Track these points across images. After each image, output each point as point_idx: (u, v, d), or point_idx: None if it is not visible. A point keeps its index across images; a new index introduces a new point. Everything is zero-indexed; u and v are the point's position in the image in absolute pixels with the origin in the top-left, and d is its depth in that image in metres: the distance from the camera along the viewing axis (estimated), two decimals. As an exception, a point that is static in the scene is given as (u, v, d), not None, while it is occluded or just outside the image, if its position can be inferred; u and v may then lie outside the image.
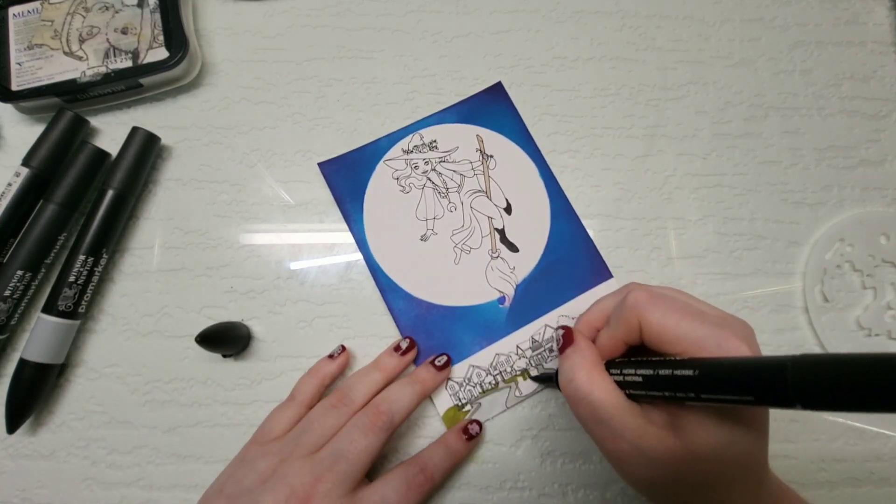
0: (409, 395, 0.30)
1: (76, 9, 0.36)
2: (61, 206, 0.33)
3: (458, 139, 0.37)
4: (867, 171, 0.37)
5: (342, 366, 0.33)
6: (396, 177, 0.36)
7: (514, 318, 0.34)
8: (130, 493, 0.32)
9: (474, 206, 0.36)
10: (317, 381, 0.32)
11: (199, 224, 0.36)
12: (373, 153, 0.37)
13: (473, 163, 0.36)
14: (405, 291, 0.34)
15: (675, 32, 0.39)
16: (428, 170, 0.36)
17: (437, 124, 0.37)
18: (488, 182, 0.36)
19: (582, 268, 0.35)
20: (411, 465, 0.29)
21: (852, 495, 0.32)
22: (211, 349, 0.31)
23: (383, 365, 0.32)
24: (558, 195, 0.36)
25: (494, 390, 0.33)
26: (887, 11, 0.40)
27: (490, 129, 0.37)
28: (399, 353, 0.32)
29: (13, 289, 0.32)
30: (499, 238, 0.35)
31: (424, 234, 0.35)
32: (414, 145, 0.37)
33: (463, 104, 0.37)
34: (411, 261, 0.35)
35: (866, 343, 0.34)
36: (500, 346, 0.33)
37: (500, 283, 0.34)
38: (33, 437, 0.33)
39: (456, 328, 0.34)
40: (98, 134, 0.37)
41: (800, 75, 0.39)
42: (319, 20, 0.39)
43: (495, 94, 0.38)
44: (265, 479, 0.27)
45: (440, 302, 0.34)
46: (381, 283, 0.34)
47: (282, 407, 0.31)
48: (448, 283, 0.34)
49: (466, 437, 0.31)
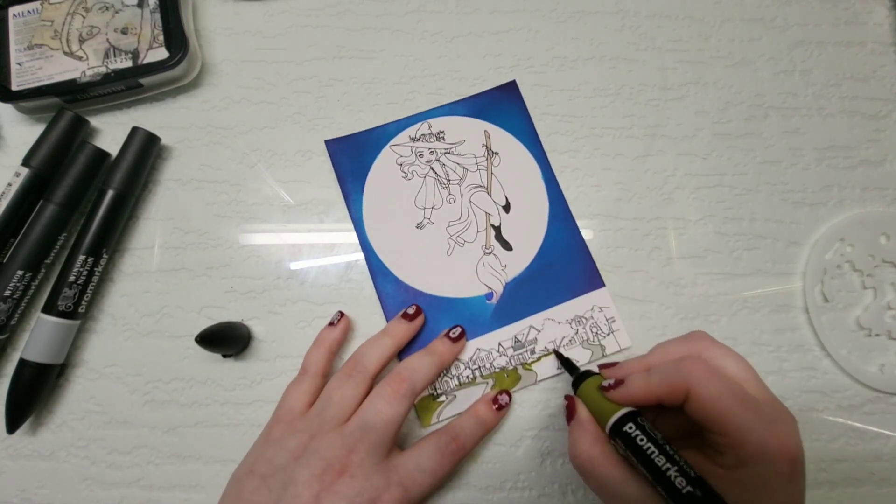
0: (427, 365, 0.31)
1: (76, 9, 0.36)
2: (61, 206, 0.33)
3: (466, 132, 0.37)
4: (867, 171, 0.37)
5: (345, 331, 0.33)
6: (400, 162, 0.36)
7: (499, 315, 0.34)
8: (130, 493, 0.32)
9: (474, 200, 0.36)
10: (324, 350, 0.32)
11: (199, 224, 0.36)
12: (380, 136, 0.37)
13: (478, 157, 0.36)
14: (395, 276, 0.35)
15: (675, 32, 0.39)
16: (432, 159, 0.36)
17: (446, 115, 0.37)
18: (490, 178, 0.36)
19: (574, 274, 0.35)
20: (443, 434, 0.30)
21: (852, 495, 0.32)
22: (211, 349, 0.31)
23: (392, 332, 0.32)
24: (558, 199, 0.36)
25: (471, 384, 0.33)
26: (887, 11, 0.40)
27: (499, 127, 0.37)
28: (407, 320, 0.32)
29: (13, 289, 0.32)
30: (494, 235, 0.35)
31: (421, 223, 0.35)
32: (421, 134, 0.37)
33: (475, 98, 0.38)
34: (405, 247, 0.35)
35: (867, 343, 0.34)
36: (482, 341, 0.34)
37: (489, 280, 0.35)
38: (33, 437, 0.33)
39: (441, 318, 0.34)
40: (98, 134, 0.37)
41: (800, 75, 0.39)
42: (319, 20, 0.39)
43: (508, 92, 0.38)
44: (298, 455, 0.28)
45: (428, 290, 0.34)
46: (372, 265, 0.35)
47: (297, 381, 0.31)
48: (438, 272, 0.35)
49: (496, 406, 0.32)
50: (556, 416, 0.33)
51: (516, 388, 0.33)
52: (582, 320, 0.34)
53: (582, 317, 0.34)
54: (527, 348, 0.33)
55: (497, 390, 0.33)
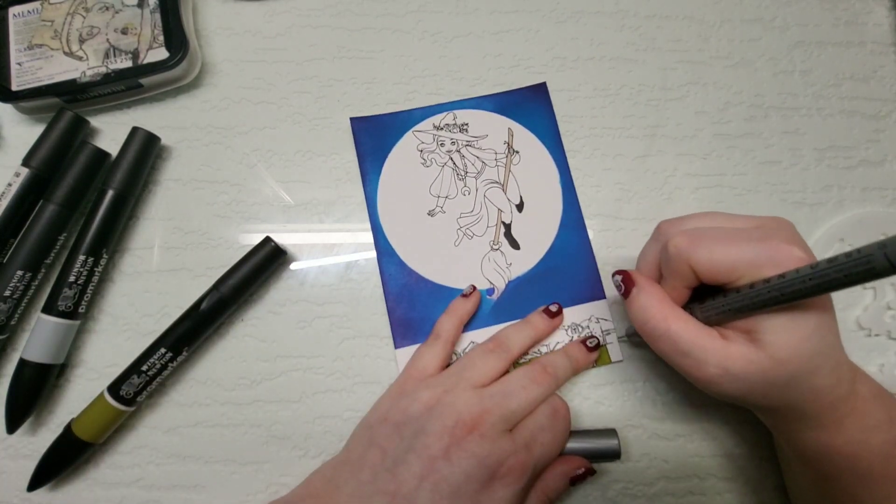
0: (566, 367, 0.31)
1: (76, 9, 0.36)
2: (61, 206, 0.33)
3: (490, 128, 0.37)
4: (867, 171, 0.37)
5: (476, 303, 0.34)
6: (421, 149, 0.37)
7: (498, 312, 0.34)
8: (130, 493, 0.32)
9: (488, 195, 0.36)
10: (456, 319, 0.33)
11: (199, 224, 0.36)
12: (404, 121, 0.37)
13: (498, 154, 0.37)
14: (400, 258, 0.35)
15: (675, 32, 0.39)
16: (453, 150, 0.37)
17: (473, 108, 0.37)
18: (508, 175, 0.36)
19: (578, 281, 0.35)
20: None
21: (852, 495, 0.32)
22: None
23: (535, 324, 0.33)
24: (573, 205, 0.36)
25: None
26: (887, 11, 0.40)
27: (523, 126, 0.37)
28: (549, 316, 0.33)
29: (13, 289, 0.32)
30: (503, 232, 0.35)
31: (433, 210, 0.36)
32: (445, 123, 0.37)
33: (503, 95, 0.38)
34: (414, 232, 0.35)
35: (866, 343, 0.34)
36: (477, 334, 0.34)
37: (493, 275, 0.35)
38: (33, 436, 0.33)
39: (440, 306, 0.34)
40: (98, 134, 0.37)
41: (800, 75, 0.39)
42: (319, 20, 0.39)
43: (537, 93, 0.38)
44: (430, 407, 0.28)
45: (431, 278, 0.35)
46: (379, 244, 0.35)
47: (428, 344, 0.32)
48: (443, 261, 0.35)
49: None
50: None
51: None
52: (578, 328, 0.34)
53: (579, 325, 0.34)
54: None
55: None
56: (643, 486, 0.32)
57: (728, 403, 0.32)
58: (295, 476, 0.31)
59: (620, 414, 0.33)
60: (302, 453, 0.33)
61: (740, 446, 0.33)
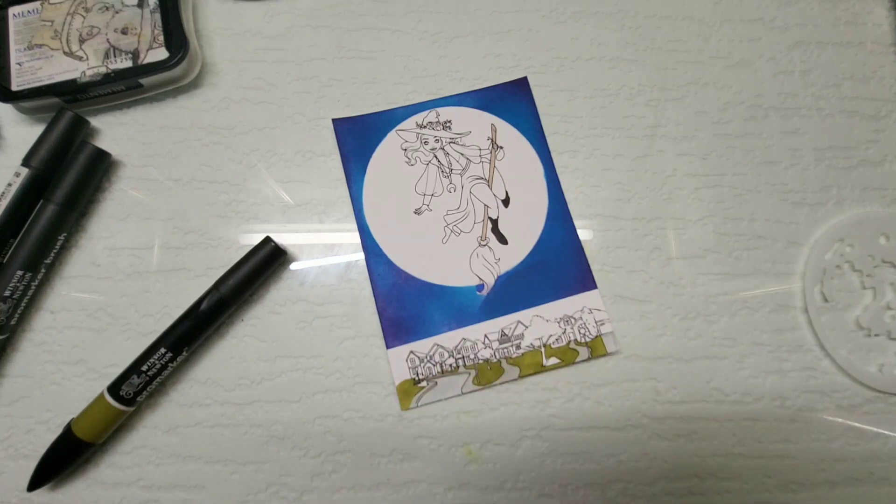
0: None
1: (76, 9, 0.36)
2: (61, 206, 0.33)
3: (473, 124, 0.37)
4: (867, 171, 0.37)
5: None
6: (405, 148, 0.37)
7: (488, 307, 0.34)
8: (130, 493, 0.32)
9: (474, 191, 0.36)
10: None
11: (199, 224, 0.36)
12: (387, 120, 0.37)
13: (482, 150, 0.37)
14: (388, 258, 0.35)
15: (675, 32, 0.39)
16: (437, 147, 0.37)
17: (455, 105, 0.37)
18: (493, 171, 0.36)
19: (567, 273, 0.35)
20: None
21: (852, 495, 0.32)
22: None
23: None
24: (558, 199, 0.36)
25: (453, 373, 0.33)
26: (887, 12, 0.40)
27: (506, 121, 0.37)
28: None
29: (13, 289, 0.32)
30: (490, 227, 0.35)
31: (419, 208, 0.36)
32: (428, 121, 0.37)
33: (485, 91, 0.38)
34: (401, 230, 0.35)
35: (866, 343, 0.34)
36: (468, 331, 0.34)
37: (482, 271, 0.35)
38: (33, 436, 0.33)
39: (429, 304, 0.34)
40: (98, 134, 0.37)
41: (800, 75, 0.39)
42: (319, 20, 0.39)
43: (519, 88, 0.38)
44: None
45: (420, 276, 0.35)
46: (367, 245, 0.35)
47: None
48: (432, 259, 0.35)
49: None
50: (556, 416, 0.33)
51: (498, 381, 0.33)
52: (571, 320, 0.34)
53: (571, 317, 0.34)
54: (513, 343, 0.34)
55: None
56: (643, 486, 0.32)
57: (728, 402, 0.32)
58: (295, 476, 0.31)
59: (620, 414, 0.33)
60: (302, 453, 0.33)
61: (740, 446, 0.33)
